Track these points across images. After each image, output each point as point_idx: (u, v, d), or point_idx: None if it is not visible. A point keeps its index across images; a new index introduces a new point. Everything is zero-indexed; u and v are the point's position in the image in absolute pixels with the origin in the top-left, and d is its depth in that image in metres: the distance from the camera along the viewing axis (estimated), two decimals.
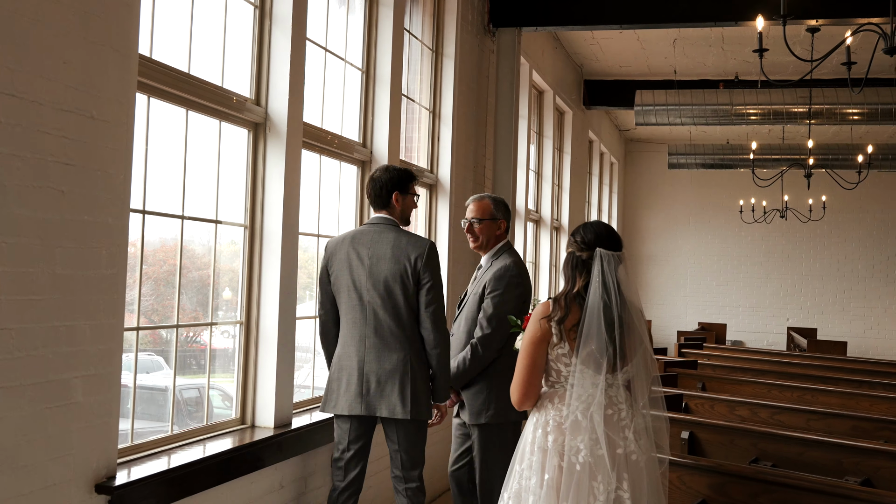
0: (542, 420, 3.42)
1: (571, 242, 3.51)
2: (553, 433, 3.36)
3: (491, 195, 4.92)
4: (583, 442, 3.29)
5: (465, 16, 7.85)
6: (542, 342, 3.41)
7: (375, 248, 4.39)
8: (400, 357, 4.35)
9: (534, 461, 3.38)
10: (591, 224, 3.55)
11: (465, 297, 4.90)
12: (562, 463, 3.30)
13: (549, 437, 3.36)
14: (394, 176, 4.58)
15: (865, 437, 5.67)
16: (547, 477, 3.31)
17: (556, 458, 3.32)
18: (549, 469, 3.31)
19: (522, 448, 3.48)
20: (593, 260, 3.40)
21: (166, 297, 4.47)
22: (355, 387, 4.38)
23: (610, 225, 3.69)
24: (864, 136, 15.61)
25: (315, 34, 5.54)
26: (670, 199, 18.99)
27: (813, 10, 7.50)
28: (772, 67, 11.34)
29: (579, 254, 3.44)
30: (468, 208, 4.91)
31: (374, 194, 4.56)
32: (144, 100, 3.98)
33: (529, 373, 3.44)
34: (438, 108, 7.57)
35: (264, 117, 4.90)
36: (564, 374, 3.41)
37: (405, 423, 4.39)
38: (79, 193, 3.36)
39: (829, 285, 18.13)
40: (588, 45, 11.80)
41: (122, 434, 3.91)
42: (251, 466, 4.51)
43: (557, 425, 3.36)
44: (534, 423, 3.46)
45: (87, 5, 3.39)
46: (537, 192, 11.45)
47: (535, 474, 3.35)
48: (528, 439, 3.46)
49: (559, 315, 3.38)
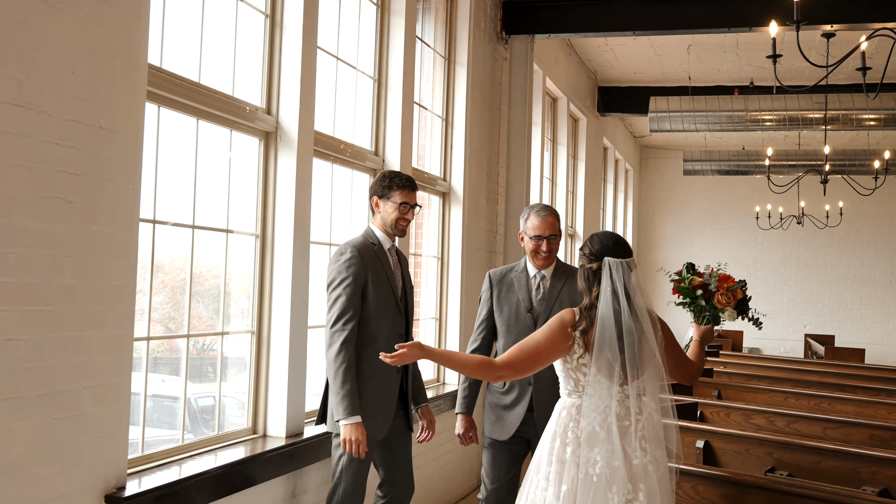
0: (560, 431, 3.43)
1: (581, 255, 3.54)
2: (572, 444, 3.37)
3: (551, 207, 4.57)
4: (600, 454, 3.30)
5: (478, 23, 7.84)
6: (561, 346, 3.43)
7: None
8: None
9: (551, 472, 3.38)
10: (598, 234, 3.57)
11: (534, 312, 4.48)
12: (579, 474, 3.30)
13: (568, 449, 3.37)
14: (377, 179, 4.45)
15: (883, 447, 5.60)
16: (565, 488, 3.32)
17: (574, 469, 3.33)
18: (567, 480, 3.32)
19: (539, 458, 3.48)
20: (602, 270, 3.42)
21: (178, 307, 4.46)
22: None
23: (617, 233, 3.67)
24: (881, 142, 15.50)
25: (326, 43, 5.54)
26: (685, 205, 18.90)
27: (827, 15, 7.45)
28: (787, 73, 11.28)
29: (589, 266, 3.48)
30: (547, 223, 4.43)
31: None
32: (154, 109, 3.98)
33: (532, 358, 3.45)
34: (451, 115, 7.55)
35: (275, 126, 4.89)
36: (583, 383, 3.43)
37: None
38: (87, 204, 3.36)
39: (847, 292, 17.98)
40: (602, 52, 11.76)
41: (132, 444, 3.91)
42: (263, 476, 4.49)
43: (576, 437, 3.37)
44: (552, 433, 3.47)
45: (94, 16, 3.39)
46: (551, 199, 11.41)
47: (552, 485, 3.36)
48: (545, 449, 3.46)
49: (583, 325, 3.41)
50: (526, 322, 4.43)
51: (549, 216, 4.44)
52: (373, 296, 4.24)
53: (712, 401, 6.88)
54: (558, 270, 4.53)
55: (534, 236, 4.42)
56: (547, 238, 4.42)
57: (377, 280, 4.27)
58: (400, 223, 4.37)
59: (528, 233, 4.46)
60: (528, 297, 4.48)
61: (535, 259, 4.48)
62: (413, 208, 4.42)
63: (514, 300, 4.50)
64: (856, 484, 4.78)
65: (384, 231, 4.39)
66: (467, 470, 7.36)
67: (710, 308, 4.05)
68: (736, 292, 4.09)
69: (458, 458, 7.20)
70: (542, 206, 4.52)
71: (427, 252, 7.37)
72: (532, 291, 4.49)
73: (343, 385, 4.08)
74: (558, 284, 4.49)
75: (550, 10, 8.50)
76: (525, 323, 4.44)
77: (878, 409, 7.05)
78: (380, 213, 4.39)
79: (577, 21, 8.54)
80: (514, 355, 3.47)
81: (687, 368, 3.74)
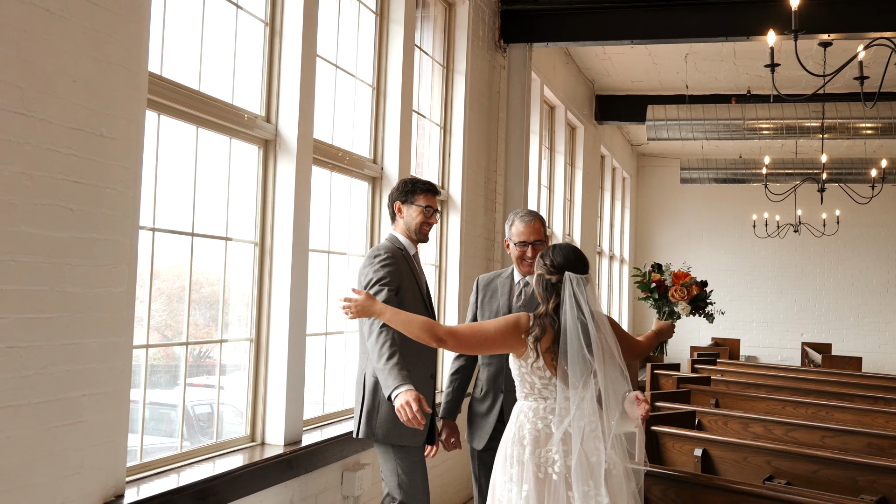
0: (518, 434, 3.56)
1: (541, 265, 3.64)
2: (530, 445, 3.49)
3: (536, 212, 4.49)
4: (558, 453, 3.44)
5: (476, 32, 7.86)
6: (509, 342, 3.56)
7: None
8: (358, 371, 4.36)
9: (513, 474, 3.50)
10: (560, 248, 3.67)
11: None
12: (539, 474, 3.44)
13: (527, 450, 3.49)
14: (398, 185, 4.44)
15: (881, 455, 5.59)
16: (526, 488, 3.43)
17: (534, 469, 3.45)
18: (528, 480, 3.44)
19: (501, 462, 3.60)
20: (562, 284, 3.54)
21: (177, 314, 4.46)
22: None
23: (577, 248, 3.75)
24: (878, 150, 15.53)
25: (325, 51, 5.56)
26: (683, 213, 18.92)
27: (824, 24, 7.47)
28: (784, 82, 11.31)
29: (548, 277, 3.59)
30: (532, 229, 4.35)
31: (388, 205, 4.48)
32: (154, 117, 3.99)
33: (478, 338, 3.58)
34: (449, 123, 7.57)
35: (275, 134, 4.91)
36: (538, 386, 3.58)
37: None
38: (88, 211, 3.36)
39: (844, 300, 18.00)
40: (599, 61, 11.80)
41: (131, 451, 3.91)
42: (261, 484, 4.49)
43: (534, 438, 3.50)
44: (511, 437, 3.58)
45: (96, 24, 3.40)
46: (549, 207, 11.42)
47: (514, 485, 3.48)
48: (506, 452, 3.58)
49: (536, 332, 3.53)
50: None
51: (533, 221, 4.36)
52: (404, 299, 4.20)
53: (710, 409, 6.88)
54: None
55: (519, 242, 4.34)
56: (532, 244, 4.32)
57: (408, 284, 4.27)
58: (424, 227, 4.38)
59: (513, 239, 4.38)
60: (509, 303, 4.42)
61: (521, 265, 4.41)
62: (435, 213, 4.43)
63: (496, 305, 4.45)
64: (854, 492, 4.78)
65: (408, 237, 4.38)
66: (466, 477, 7.35)
67: (665, 303, 4.28)
68: (691, 288, 4.29)
69: (458, 465, 7.20)
70: (527, 211, 4.45)
71: (425, 260, 7.36)
72: (513, 297, 4.43)
73: (389, 359, 3.89)
74: None
75: (548, 18, 8.52)
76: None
77: (876, 418, 7.05)
78: (403, 218, 4.38)
79: (574, 30, 8.56)
80: (462, 328, 3.66)
81: (632, 348, 3.93)
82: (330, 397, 5.80)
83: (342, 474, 5.34)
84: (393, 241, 4.36)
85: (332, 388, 5.83)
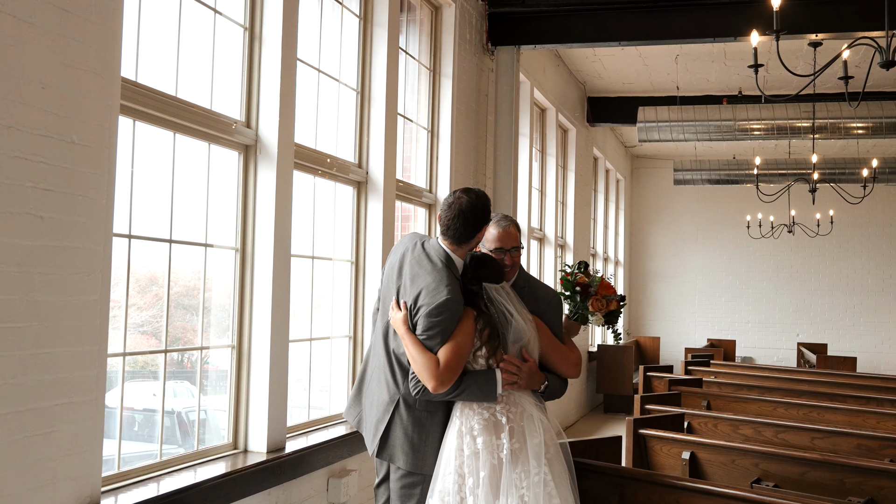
0: (466, 426, 3.68)
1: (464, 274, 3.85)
2: (482, 435, 3.63)
3: (510, 217, 4.13)
4: (505, 437, 3.62)
5: (463, 35, 7.84)
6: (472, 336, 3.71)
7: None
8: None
9: (465, 464, 3.62)
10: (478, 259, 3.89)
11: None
12: (493, 460, 3.59)
13: (479, 440, 3.63)
14: (487, 205, 3.86)
15: (870, 456, 5.58)
16: (483, 475, 3.58)
17: (488, 455, 3.60)
18: (484, 467, 3.59)
19: (447, 454, 3.69)
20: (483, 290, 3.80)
21: (157, 321, 4.42)
22: None
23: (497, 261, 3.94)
24: (871, 150, 15.52)
25: (307, 55, 5.53)
26: (678, 215, 18.90)
27: (810, 25, 7.46)
28: (775, 82, 11.31)
29: (471, 287, 3.79)
30: (509, 234, 4.01)
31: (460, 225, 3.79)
32: (129, 123, 3.95)
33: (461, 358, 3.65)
34: (437, 127, 7.54)
35: (255, 139, 4.87)
36: None
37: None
38: (58, 219, 3.33)
39: (839, 300, 17.98)
40: (590, 63, 11.78)
41: (108, 460, 3.87)
42: (243, 492, 4.46)
43: (483, 427, 3.65)
44: (457, 429, 3.70)
45: (66, 29, 3.36)
46: (541, 209, 11.40)
47: (470, 476, 3.61)
48: (453, 445, 3.68)
49: (481, 324, 3.71)
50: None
51: (510, 226, 4.02)
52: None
53: (700, 411, 6.85)
54: (519, 283, 4.04)
55: (494, 249, 3.99)
56: (509, 251, 3.98)
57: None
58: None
59: (487, 245, 4.02)
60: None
61: None
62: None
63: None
64: (841, 494, 4.75)
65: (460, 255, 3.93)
66: None
67: (583, 307, 4.31)
68: (610, 303, 4.35)
69: None
70: (502, 216, 4.08)
71: None
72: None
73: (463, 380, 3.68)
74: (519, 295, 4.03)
75: (536, 21, 8.50)
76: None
77: (868, 418, 7.03)
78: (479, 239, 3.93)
79: (563, 32, 8.54)
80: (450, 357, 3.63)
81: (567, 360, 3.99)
82: (315, 403, 5.76)
83: (328, 481, 5.31)
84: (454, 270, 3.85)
85: (318, 394, 5.79)
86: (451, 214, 3.79)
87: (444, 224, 3.83)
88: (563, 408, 11.66)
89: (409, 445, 3.78)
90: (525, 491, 3.55)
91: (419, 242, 3.95)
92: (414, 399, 3.76)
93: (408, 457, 3.77)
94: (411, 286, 3.76)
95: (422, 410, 3.79)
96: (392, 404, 3.83)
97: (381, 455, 3.87)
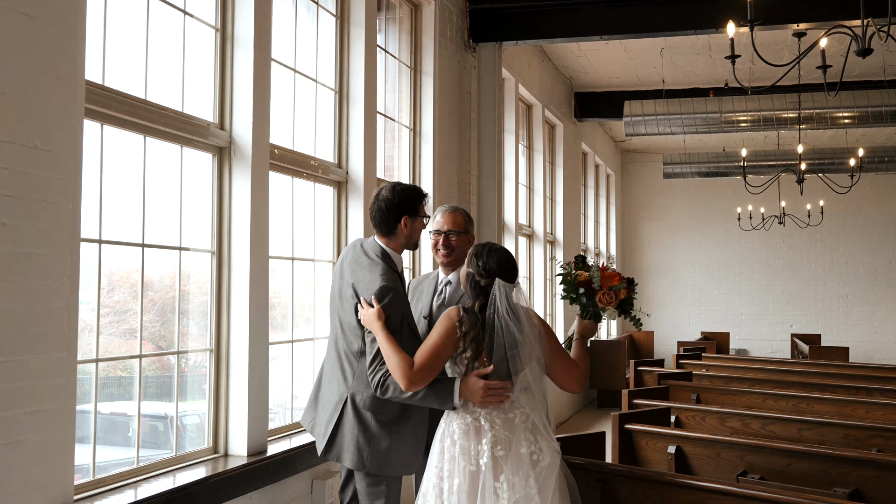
0: (448, 430, 3.59)
1: (473, 264, 3.65)
2: (460, 440, 3.53)
3: (461, 208, 4.37)
4: (487, 444, 3.48)
5: (444, 32, 7.80)
6: (452, 338, 3.57)
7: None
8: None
9: (444, 468, 3.54)
10: (496, 253, 3.66)
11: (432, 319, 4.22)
12: (470, 467, 3.47)
13: (457, 445, 3.52)
14: (403, 197, 3.97)
15: (857, 446, 5.55)
16: (457, 482, 3.47)
17: (465, 462, 3.49)
18: (458, 474, 3.48)
19: (432, 456, 3.64)
20: (492, 287, 3.58)
21: (132, 326, 4.38)
22: None
23: (510, 254, 3.72)
24: (860, 139, 15.51)
25: (283, 55, 5.49)
26: (669, 208, 18.88)
27: (787, 15, 7.44)
28: (762, 73, 11.26)
29: (478, 279, 3.61)
30: (439, 220, 4.26)
31: (379, 219, 3.96)
32: (97, 127, 3.91)
33: (436, 360, 3.56)
34: (419, 125, 7.51)
35: (229, 141, 4.83)
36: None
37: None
38: (22, 226, 3.28)
39: (832, 290, 17.96)
40: (576, 58, 11.75)
41: (83, 468, 3.84)
42: (224, 496, 4.43)
43: (464, 432, 3.53)
44: (441, 433, 3.63)
45: (26, 33, 3.32)
46: (529, 206, 11.37)
47: (445, 480, 3.51)
48: (436, 448, 3.62)
49: (466, 326, 3.56)
50: (421, 328, 4.16)
51: (454, 213, 4.27)
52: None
53: (688, 405, 6.83)
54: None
55: (434, 231, 4.24)
56: (446, 233, 4.20)
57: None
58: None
59: (430, 228, 4.29)
60: (430, 304, 4.27)
61: (437, 257, 4.28)
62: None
63: (421, 306, 4.30)
64: (827, 485, 4.73)
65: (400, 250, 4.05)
66: None
67: (592, 305, 4.06)
68: (619, 292, 4.08)
69: None
70: (453, 206, 4.37)
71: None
72: (434, 298, 4.27)
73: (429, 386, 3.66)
74: (461, 290, 4.06)
75: (517, 16, 8.47)
76: (421, 328, 4.14)
77: (856, 409, 7.01)
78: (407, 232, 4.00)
79: (544, 27, 8.52)
80: (424, 359, 3.56)
81: (570, 375, 3.79)
82: (298, 405, 5.72)
83: (312, 483, 5.28)
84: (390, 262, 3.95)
85: (301, 396, 5.76)
86: (372, 206, 3.99)
87: (370, 216, 4.03)
88: (555, 404, 11.64)
89: (356, 445, 3.81)
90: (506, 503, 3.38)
91: (358, 243, 4.08)
92: (363, 399, 3.82)
93: (354, 456, 3.81)
94: (352, 283, 3.88)
95: (368, 410, 3.82)
96: (341, 403, 3.87)
97: (328, 454, 3.91)
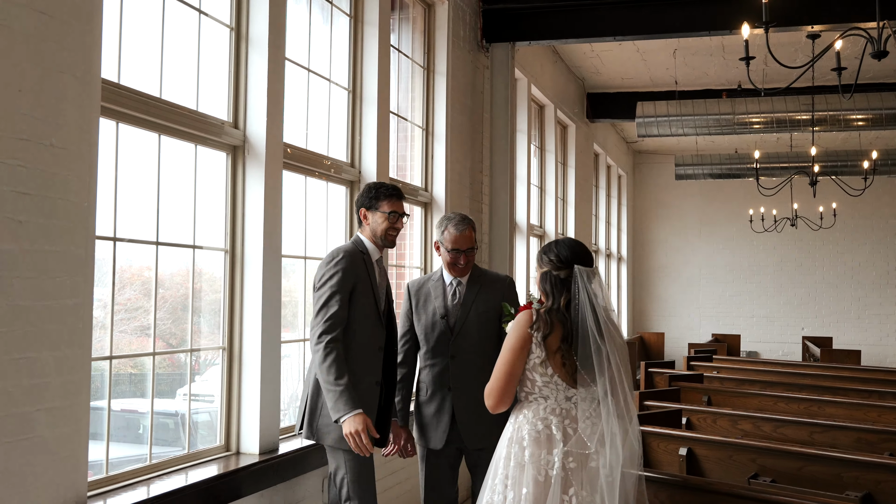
0: (517, 435, 3.44)
1: (546, 261, 3.51)
2: (530, 447, 3.37)
3: (467, 218, 4.55)
4: (557, 455, 3.32)
5: (457, 32, 7.80)
6: (524, 349, 3.41)
7: None
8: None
9: (510, 475, 3.40)
10: (564, 242, 3.55)
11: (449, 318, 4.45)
12: (538, 476, 3.32)
13: (527, 452, 3.37)
14: (363, 190, 4.34)
15: (870, 450, 5.53)
16: (525, 491, 3.33)
17: (534, 471, 3.33)
18: (527, 483, 3.33)
19: (496, 462, 3.49)
20: (572, 278, 3.41)
21: (145, 323, 4.40)
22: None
23: (580, 241, 3.64)
24: (874, 142, 15.43)
25: (297, 55, 5.50)
26: (680, 209, 18.83)
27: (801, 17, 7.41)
28: (775, 75, 11.22)
29: (556, 273, 3.46)
30: (465, 237, 4.44)
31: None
32: (112, 126, 3.93)
33: (509, 378, 3.43)
34: (431, 125, 7.51)
35: (243, 140, 4.85)
36: (539, 384, 3.44)
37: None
38: (38, 223, 3.30)
39: (844, 293, 17.87)
40: (588, 58, 11.73)
41: (96, 465, 3.85)
42: (236, 494, 4.44)
43: (534, 439, 3.37)
44: (508, 437, 3.48)
45: (42, 32, 3.34)
46: (540, 206, 11.35)
47: (511, 489, 3.37)
48: (502, 454, 3.48)
49: (544, 330, 3.39)
50: (441, 328, 4.44)
51: (466, 229, 4.45)
52: (357, 304, 4.11)
53: (698, 407, 6.82)
54: (474, 276, 4.54)
55: (451, 249, 4.42)
56: (465, 252, 4.43)
57: (363, 288, 4.15)
58: (389, 233, 4.27)
59: (445, 245, 4.44)
60: (444, 304, 4.46)
61: (452, 270, 4.49)
62: (401, 217, 4.33)
63: (432, 308, 4.48)
64: (839, 489, 4.71)
65: (373, 242, 4.28)
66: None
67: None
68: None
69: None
70: (460, 217, 4.51)
71: (410, 263, 7.32)
72: (448, 298, 4.48)
73: (338, 379, 3.87)
74: (474, 289, 4.51)
75: (531, 17, 8.46)
76: (440, 329, 4.44)
77: (868, 412, 6.98)
78: (368, 224, 4.28)
79: (558, 27, 8.51)
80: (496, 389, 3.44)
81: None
82: None
83: (323, 482, 5.28)
84: (357, 243, 4.28)
85: None
86: None
87: None
88: None
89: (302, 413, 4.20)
90: None
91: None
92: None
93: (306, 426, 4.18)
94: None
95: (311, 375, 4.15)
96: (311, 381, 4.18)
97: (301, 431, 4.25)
